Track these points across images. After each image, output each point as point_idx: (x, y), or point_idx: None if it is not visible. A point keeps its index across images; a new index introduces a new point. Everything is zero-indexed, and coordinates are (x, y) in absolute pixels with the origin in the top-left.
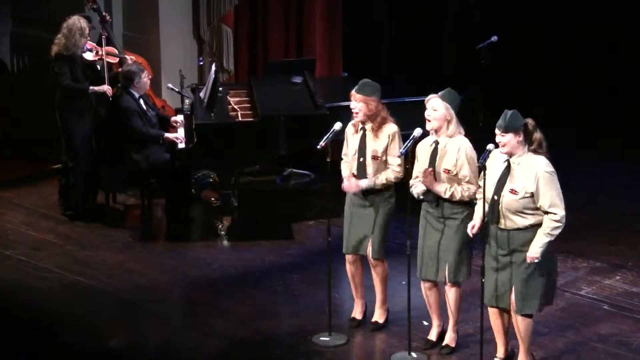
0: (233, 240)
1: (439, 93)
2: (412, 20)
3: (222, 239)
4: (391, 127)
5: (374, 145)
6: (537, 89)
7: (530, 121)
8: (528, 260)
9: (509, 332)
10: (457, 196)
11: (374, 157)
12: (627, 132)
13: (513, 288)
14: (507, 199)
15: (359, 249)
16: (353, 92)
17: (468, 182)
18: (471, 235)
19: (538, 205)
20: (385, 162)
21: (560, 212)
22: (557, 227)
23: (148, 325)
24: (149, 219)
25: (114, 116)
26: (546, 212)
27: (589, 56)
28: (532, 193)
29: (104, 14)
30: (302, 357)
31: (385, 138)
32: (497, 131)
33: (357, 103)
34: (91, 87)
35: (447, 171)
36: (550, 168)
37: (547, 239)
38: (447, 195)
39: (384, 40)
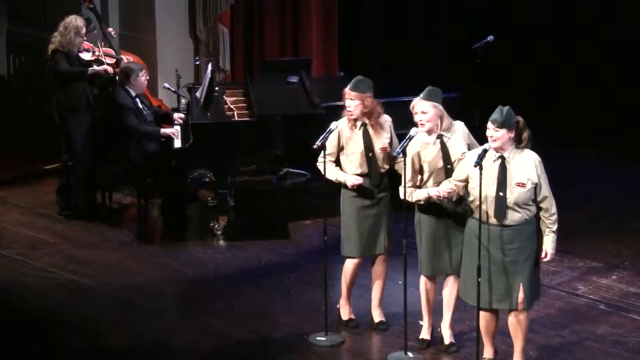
0: (229, 240)
1: (422, 95)
2: (408, 19)
3: (218, 239)
4: (387, 118)
5: (381, 138)
6: (535, 88)
7: (521, 119)
8: (548, 258)
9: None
10: None
11: (384, 149)
12: (627, 132)
13: (521, 285)
14: (515, 193)
15: (373, 249)
16: (347, 90)
17: None
18: (443, 194)
19: (539, 194)
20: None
21: (553, 203)
22: (556, 221)
23: (144, 324)
24: (145, 218)
25: (109, 113)
26: (540, 205)
27: (588, 56)
28: (536, 183)
29: (100, 16)
30: (298, 357)
31: (388, 129)
32: (490, 125)
33: (353, 101)
34: (91, 68)
35: (464, 154)
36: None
37: (555, 235)
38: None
39: (380, 39)
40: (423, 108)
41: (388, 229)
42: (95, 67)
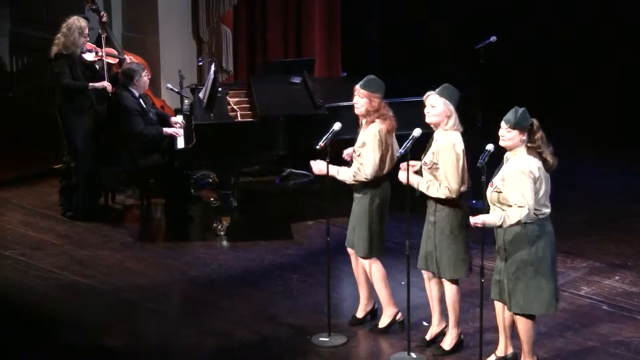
0: (232, 241)
1: (437, 89)
2: (410, 20)
3: (221, 239)
4: (375, 127)
5: (359, 140)
6: (537, 88)
7: (535, 121)
8: (471, 222)
9: (512, 331)
10: (432, 193)
11: (354, 151)
12: (627, 132)
13: (506, 285)
14: (488, 191)
15: (351, 244)
16: (357, 87)
17: (444, 179)
18: (472, 224)
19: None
20: (360, 158)
21: (524, 205)
22: (515, 216)
23: (147, 325)
24: (148, 219)
25: (113, 115)
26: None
27: (588, 56)
28: (500, 188)
29: (102, 13)
30: (301, 357)
31: (368, 136)
32: (503, 125)
33: (361, 98)
34: (90, 84)
35: (425, 164)
36: (525, 169)
37: (498, 220)
38: (421, 188)
39: (382, 39)
40: (433, 102)
41: (358, 230)
42: (94, 84)
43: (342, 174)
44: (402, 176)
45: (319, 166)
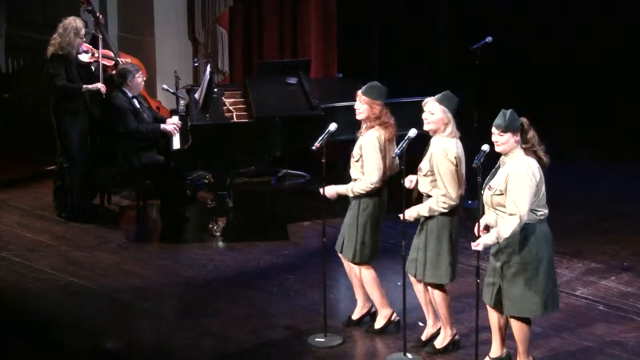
0: (228, 241)
1: (437, 96)
2: (406, 21)
3: (217, 240)
4: (371, 134)
5: (356, 145)
6: (535, 89)
7: (525, 120)
8: (473, 244)
9: (506, 332)
10: (436, 212)
11: (352, 156)
12: (627, 132)
13: (498, 288)
14: (485, 194)
15: (340, 248)
16: (359, 92)
17: (442, 187)
18: (476, 234)
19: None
20: (358, 163)
21: (516, 214)
22: (508, 228)
23: (143, 326)
24: (143, 220)
25: (108, 116)
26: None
27: (587, 56)
28: (501, 191)
29: (98, 14)
30: (297, 358)
31: (365, 142)
32: (494, 130)
33: (362, 105)
34: (85, 86)
35: (420, 169)
36: (527, 171)
37: (494, 238)
38: (425, 214)
39: (378, 40)
40: (432, 108)
41: (347, 234)
42: (88, 86)
43: (349, 190)
44: (407, 213)
45: (330, 191)
